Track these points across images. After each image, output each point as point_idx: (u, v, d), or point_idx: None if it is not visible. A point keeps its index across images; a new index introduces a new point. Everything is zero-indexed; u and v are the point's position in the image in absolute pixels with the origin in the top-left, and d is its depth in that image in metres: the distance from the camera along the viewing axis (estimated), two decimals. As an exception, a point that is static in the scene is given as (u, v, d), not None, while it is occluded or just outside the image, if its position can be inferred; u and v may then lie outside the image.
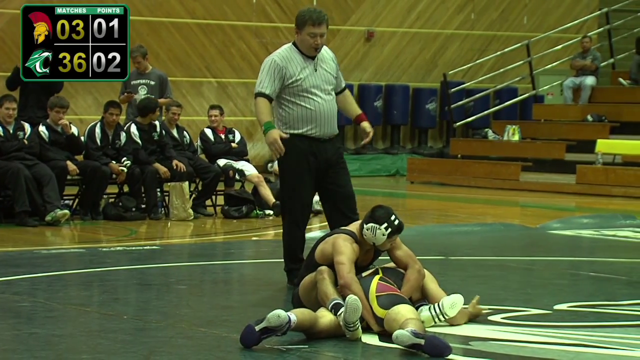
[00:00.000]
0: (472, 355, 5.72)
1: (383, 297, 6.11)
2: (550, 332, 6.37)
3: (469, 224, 12.75)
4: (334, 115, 7.70)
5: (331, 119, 7.67)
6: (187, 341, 6.01)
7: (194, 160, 13.35)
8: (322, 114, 7.61)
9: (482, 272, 8.98)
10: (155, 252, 10.13)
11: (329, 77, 7.69)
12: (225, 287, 8.37)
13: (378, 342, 5.98)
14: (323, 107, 7.62)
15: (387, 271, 6.41)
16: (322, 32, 7.58)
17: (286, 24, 20.71)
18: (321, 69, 7.68)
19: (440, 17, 22.15)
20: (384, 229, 6.40)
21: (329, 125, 7.66)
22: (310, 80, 7.60)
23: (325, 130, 7.64)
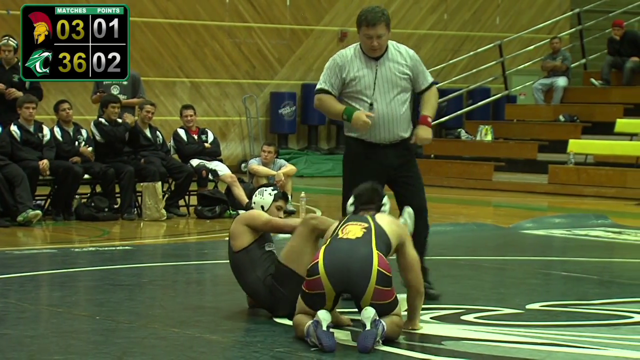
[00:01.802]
0: (445, 355, 5.73)
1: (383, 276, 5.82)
2: (523, 331, 6.39)
3: (442, 223, 12.76)
4: (395, 119, 7.14)
5: (389, 124, 7.12)
6: (160, 342, 6.00)
7: (166, 160, 13.32)
8: (376, 118, 7.08)
9: (455, 272, 9.00)
10: (127, 252, 10.10)
11: (394, 79, 7.15)
12: (198, 288, 8.36)
13: (352, 342, 5.99)
14: (377, 111, 7.09)
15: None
16: (378, 34, 7.07)
17: (259, 24, 20.72)
18: (386, 70, 7.15)
19: (414, 17, 22.20)
20: (270, 190, 6.83)
21: (387, 130, 7.14)
22: (367, 82, 7.09)
23: (381, 135, 7.14)
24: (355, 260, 5.73)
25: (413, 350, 5.77)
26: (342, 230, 5.99)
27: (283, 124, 20.91)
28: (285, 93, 21.00)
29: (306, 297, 5.85)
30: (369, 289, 5.71)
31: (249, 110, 20.81)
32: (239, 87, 20.76)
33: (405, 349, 5.82)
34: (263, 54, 20.92)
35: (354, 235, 5.89)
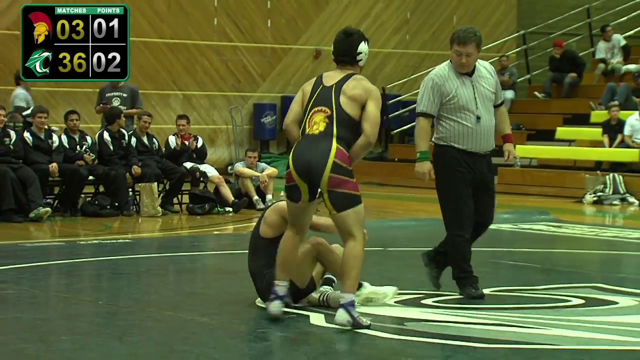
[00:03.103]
0: (406, 335, 5.73)
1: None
2: (475, 313, 6.40)
3: (405, 219, 12.79)
4: (491, 130, 6.85)
5: (488, 135, 6.82)
6: (155, 323, 5.98)
7: (161, 163, 13.30)
8: (479, 130, 6.79)
9: (417, 262, 8.97)
10: (127, 245, 10.06)
11: (487, 93, 6.85)
12: (190, 276, 8.33)
13: (324, 323, 5.98)
14: (480, 123, 6.79)
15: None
16: (467, 52, 6.79)
17: (244, 43, 20.69)
18: (479, 85, 6.86)
19: (379, 37, 22.21)
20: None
21: (485, 141, 6.82)
22: (466, 97, 6.78)
23: (481, 145, 6.81)
24: (315, 154, 5.78)
25: (378, 331, 5.77)
26: (309, 121, 5.91)
27: (265, 132, 20.88)
28: (267, 104, 20.98)
29: (287, 189, 5.93)
30: (324, 176, 5.73)
31: (234, 120, 20.77)
32: (226, 99, 20.72)
33: (370, 328, 5.81)
34: (247, 70, 20.89)
35: (317, 130, 5.85)
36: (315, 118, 5.89)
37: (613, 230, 12.26)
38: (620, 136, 16.78)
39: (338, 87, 5.92)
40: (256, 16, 20.73)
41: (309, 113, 5.94)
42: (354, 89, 5.90)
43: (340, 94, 5.89)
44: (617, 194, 15.81)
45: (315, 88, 5.98)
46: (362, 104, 5.89)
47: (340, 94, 5.89)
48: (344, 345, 5.52)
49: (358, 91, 5.90)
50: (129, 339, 5.52)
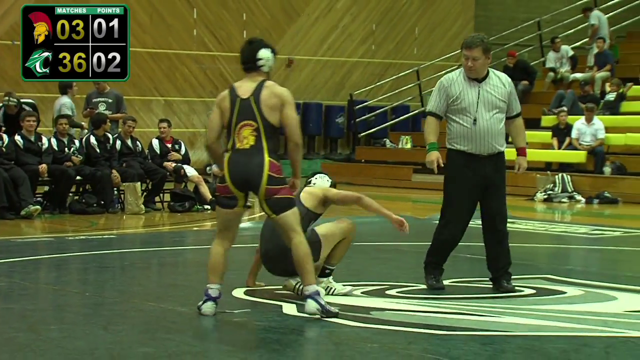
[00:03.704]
0: (372, 323, 5.74)
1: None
2: (436, 303, 6.42)
3: (370, 216, 12.75)
4: (493, 134, 6.68)
5: (488, 138, 6.68)
6: (139, 313, 5.95)
7: (144, 164, 13.26)
8: (478, 132, 6.69)
9: (381, 255, 9.03)
10: (112, 240, 10.02)
11: (493, 99, 6.69)
12: (171, 269, 8.31)
13: (296, 313, 5.99)
14: (479, 126, 6.68)
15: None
16: (473, 56, 6.65)
17: (221, 53, 20.63)
18: (486, 92, 6.69)
19: (347, 47, 22.23)
20: (327, 177, 6.69)
21: (486, 143, 6.69)
22: (469, 100, 6.68)
23: (481, 147, 6.70)
24: (251, 169, 5.79)
25: (346, 319, 5.77)
26: (238, 136, 5.84)
27: (241, 135, 20.82)
28: (243, 109, 20.90)
29: (221, 199, 5.88)
30: (261, 189, 5.79)
31: (212, 123, 20.71)
32: (205, 104, 20.64)
33: (339, 318, 5.82)
34: (224, 77, 20.82)
35: (248, 144, 5.82)
36: (244, 132, 5.83)
37: (561, 225, 12.34)
38: (568, 139, 16.91)
39: (257, 99, 5.84)
40: (233, 27, 20.68)
41: (236, 128, 5.85)
42: (270, 98, 5.84)
43: (261, 105, 5.83)
44: (565, 193, 15.93)
45: (233, 102, 5.88)
46: (280, 110, 5.85)
47: (261, 105, 5.83)
48: (314, 333, 5.52)
49: (274, 100, 5.84)
50: (114, 328, 5.49)
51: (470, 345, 5.26)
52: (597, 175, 16.26)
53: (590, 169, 16.54)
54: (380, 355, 5.00)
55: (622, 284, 7.29)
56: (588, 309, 6.27)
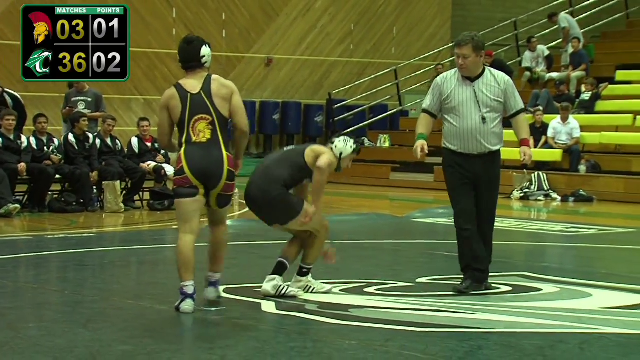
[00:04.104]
0: (351, 320, 5.75)
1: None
2: (413, 300, 6.43)
3: (349, 213, 12.82)
4: (483, 133, 6.58)
5: (478, 137, 6.59)
6: (118, 311, 5.93)
7: (124, 163, 13.20)
8: (465, 131, 6.60)
9: (359, 253, 9.04)
10: (91, 238, 9.97)
11: (484, 99, 6.58)
12: (150, 267, 8.28)
13: (275, 310, 5.98)
14: (467, 125, 6.58)
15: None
16: (463, 54, 6.55)
17: (200, 52, 20.58)
18: (479, 91, 6.60)
19: (326, 47, 22.23)
20: (352, 142, 6.44)
21: (476, 142, 6.60)
22: (459, 100, 6.60)
23: (469, 146, 6.62)
24: (211, 163, 5.85)
25: (324, 317, 5.78)
26: (193, 130, 5.89)
27: (220, 134, 20.78)
28: (222, 108, 20.88)
29: (181, 190, 5.91)
30: (220, 184, 5.88)
31: (192, 122, 20.67)
32: (184, 103, 20.60)
33: (317, 315, 5.83)
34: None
35: (205, 138, 5.88)
36: (199, 126, 5.89)
37: (538, 223, 12.40)
38: (544, 138, 16.98)
39: (208, 93, 5.92)
40: (212, 27, 20.63)
41: (190, 122, 5.90)
42: (220, 90, 5.94)
43: (213, 98, 5.91)
44: (541, 191, 16.01)
45: (184, 98, 5.93)
46: (229, 100, 5.95)
47: (214, 98, 5.92)
48: (293, 330, 5.52)
49: (224, 90, 5.94)
50: (93, 326, 5.47)
51: (447, 342, 5.27)
52: (573, 173, 16.35)
53: (565, 167, 16.62)
54: (358, 352, 5.00)
55: (597, 281, 7.34)
56: (563, 306, 6.30)
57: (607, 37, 21.93)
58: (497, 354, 5.08)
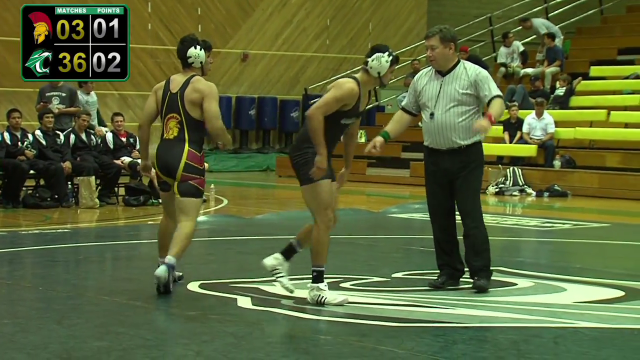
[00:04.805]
0: (326, 315, 5.75)
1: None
2: (389, 295, 6.45)
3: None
4: (451, 128, 6.53)
5: (445, 132, 6.56)
6: (93, 307, 5.91)
7: (99, 158, 13.13)
8: (434, 126, 6.59)
9: (336, 248, 8.99)
10: (66, 234, 9.92)
11: (452, 92, 6.52)
12: (125, 263, 8.25)
13: (251, 306, 5.97)
14: (436, 120, 6.56)
15: None
16: (431, 45, 6.53)
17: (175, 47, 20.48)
18: (449, 85, 6.55)
19: (302, 42, 22.22)
20: (387, 56, 6.23)
21: (444, 138, 6.58)
22: (428, 95, 6.59)
23: (440, 141, 6.61)
24: (171, 157, 6.36)
25: (300, 312, 5.78)
26: (165, 127, 6.44)
27: (196, 129, 20.72)
28: (198, 103, 20.82)
29: (159, 183, 6.55)
30: (177, 173, 6.33)
31: (167, 118, 20.60)
32: (160, 98, 20.53)
33: (293, 310, 5.83)
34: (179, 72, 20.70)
35: (172, 135, 6.39)
36: (170, 124, 6.40)
37: (513, 218, 12.46)
38: (519, 133, 17.05)
39: (181, 94, 6.36)
40: (187, 22, 20.56)
41: (165, 119, 6.44)
42: (191, 94, 6.33)
43: (185, 100, 6.34)
44: (516, 186, 16.08)
45: (165, 94, 6.44)
46: (201, 104, 6.33)
47: (185, 100, 6.34)
48: (268, 325, 5.51)
49: (195, 95, 6.32)
50: (68, 322, 5.44)
51: (422, 337, 5.29)
52: (547, 168, 16.43)
53: (540, 162, 16.70)
54: (334, 347, 5.00)
55: (571, 276, 7.38)
56: (538, 301, 6.33)
57: (581, 33, 22.05)
58: (472, 348, 5.10)
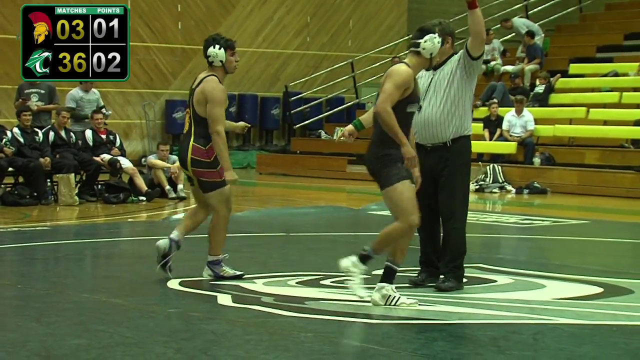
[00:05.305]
0: (307, 312, 5.76)
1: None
2: (369, 292, 6.45)
3: (306, 206, 12.83)
4: (435, 123, 6.38)
5: (430, 127, 6.44)
6: (72, 305, 5.88)
7: (78, 155, 13.07)
8: (422, 120, 6.43)
9: (316, 245, 9.04)
10: (45, 232, 9.86)
11: (443, 84, 6.44)
12: (105, 261, 8.22)
13: (231, 303, 5.97)
14: (423, 114, 6.43)
15: None
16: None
17: (156, 44, 20.44)
18: (439, 77, 6.48)
19: (282, 39, 22.20)
20: (437, 38, 6.07)
21: (428, 133, 6.45)
22: (417, 88, 6.34)
23: (425, 137, 6.47)
24: (182, 151, 6.68)
25: (280, 309, 5.78)
26: (186, 121, 6.76)
27: (176, 126, 20.66)
28: (178, 100, 20.76)
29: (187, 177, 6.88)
30: (188, 169, 6.65)
31: (147, 115, 20.51)
32: (140, 95, 20.45)
33: (273, 308, 5.82)
34: (159, 68, 20.64)
35: (185, 129, 6.76)
36: (187, 118, 6.77)
37: (493, 215, 12.50)
38: (499, 130, 17.11)
39: (192, 92, 6.72)
40: (167, 19, 20.50)
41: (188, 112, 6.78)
42: (198, 94, 6.65)
43: (194, 97, 6.68)
44: (496, 183, 16.13)
45: (190, 90, 6.80)
46: (204, 105, 6.61)
47: (194, 98, 6.68)
48: (249, 322, 5.51)
49: (201, 96, 6.63)
50: (47, 320, 5.41)
51: (403, 334, 5.30)
52: (527, 166, 16.50)
53: (520, 159, 16.77)
54: (315, 344, 5.01)
55: (550, 272, 7.42)
56: (517, 297, 6.36)
57: (560, 31, 22.15)
58: (452, 345, 5.11)
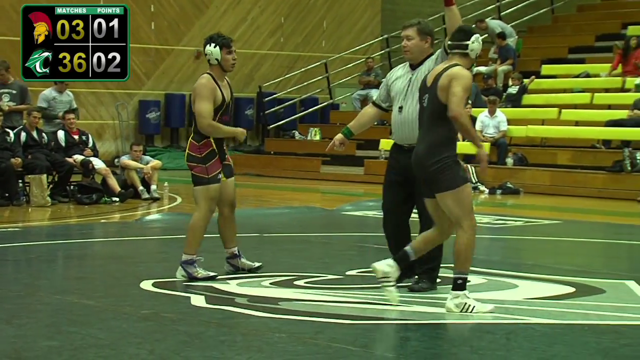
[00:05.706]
0: (280, 313, 5.74)
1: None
2: (343, 293, 6.45)
3: (279, 207, 12.81)
4: (414, 123, 6.14)
5: (407, 127, 6.30)
6: (44, 307, 5.84)
7: (50, 156, 12.98)
8: (400, 120, 6.36)
9: (290, 246, 9.04)
10: (17, 233, 9.79)
11: (422, 84, 6.16)
12: (78, 262, 8.16)
13: (204, 304, 5.95)
14: (403, 114, 6.36)
15: None
16: (407, 35, 6.45)
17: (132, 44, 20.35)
18: (417, 78, 6.32)
19: (256, 40, 22.17)
20: (478, 37, 5.90)
21: (406, 134, 6.33)
22: (398, 87, 6.42)
23: (403, 137, 6.37)
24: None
25: (254, 310, 5.77)
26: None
27: (149, 126, 20.59)
28: (151, 101, 20.68)
29: None
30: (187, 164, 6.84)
31: (120, 115, 20.42)
32: (113, 96, 20.35)
33: (247, 308, 5.81)
34: (132, 69, 20.51)
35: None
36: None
37: (466, 215, 12.51)
38: (473, 131, 17.17)
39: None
40: (140, 19, 20.41)
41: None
42: (193, 91, 6.83)
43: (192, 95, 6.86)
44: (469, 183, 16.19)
45: None
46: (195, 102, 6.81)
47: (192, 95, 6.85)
48: (223, 323, 5.49)
49: (193, 93, 6.81)
50: (18, 322, 5.37)
51: (376, 334, 5.30)
52: (500, 166, 16.57)
53: (493, 160, 16.82)
54: (288, 345, 5.00)
55: (523, 272, 7.45)
56: (490, 297, 6.38)
57: (533, 32, 22.28)
58: (426, 345, 5.12)
